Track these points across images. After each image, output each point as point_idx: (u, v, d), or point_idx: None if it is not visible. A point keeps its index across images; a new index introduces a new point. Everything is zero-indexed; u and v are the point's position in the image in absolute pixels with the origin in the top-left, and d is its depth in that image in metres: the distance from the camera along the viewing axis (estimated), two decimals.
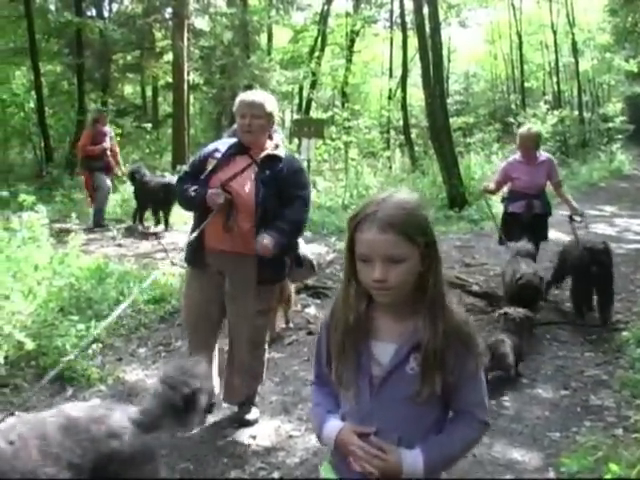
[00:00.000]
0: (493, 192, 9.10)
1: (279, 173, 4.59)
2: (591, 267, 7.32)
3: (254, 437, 4.80)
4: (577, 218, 8.23)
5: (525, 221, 8.24)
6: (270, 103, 4.67)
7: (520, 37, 34.50)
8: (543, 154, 8.57)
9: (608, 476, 3.63)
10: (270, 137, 4.77)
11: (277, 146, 4.73)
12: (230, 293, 4.74)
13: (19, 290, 6.42)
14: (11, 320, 5.82)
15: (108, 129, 13.78)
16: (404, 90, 27.26)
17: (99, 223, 12.85)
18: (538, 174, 8.30)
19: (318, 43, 31.54)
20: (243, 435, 4.82)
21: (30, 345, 5.47)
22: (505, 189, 8.82)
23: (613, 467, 3.65)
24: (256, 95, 4.73)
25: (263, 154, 4.65)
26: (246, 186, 4.54)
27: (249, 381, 4.99)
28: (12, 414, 4.93)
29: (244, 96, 4.71)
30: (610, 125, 33.52)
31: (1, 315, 5.80)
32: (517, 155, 8.56)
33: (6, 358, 5.46)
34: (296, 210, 4.59)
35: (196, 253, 4.71)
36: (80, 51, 21.67)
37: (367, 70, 37.59)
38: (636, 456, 3.81)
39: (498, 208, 9.87)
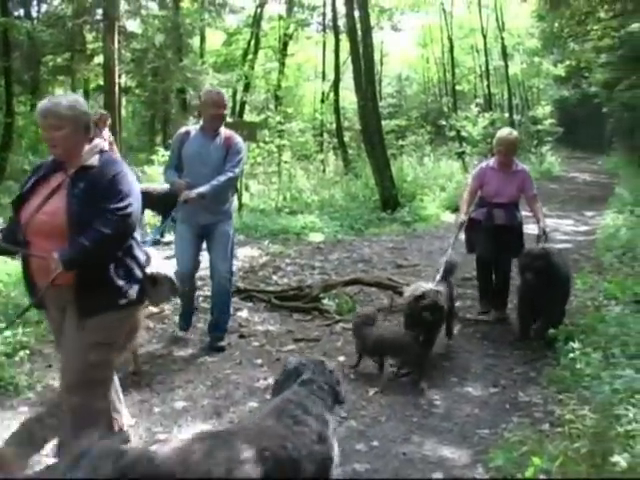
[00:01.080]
0: (466, 213, 7.80)
1: (92, 183, 4.00)
2: (525, 274, 6.97)
3: None
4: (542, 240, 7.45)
5: (485, 231, 7.70)
6: (67, 107, 3.98)
7: (451, 41, 34.88)
8: (519, 164, 7.97)
9: (531, 469, 3.70)
10: (90, 140, 4.18)
11: (94, 152, 4.14)
12: (61, 327, 4.19)
13: None
14: None
15: (107, 133, 13.04)
16: (337, 93, 27.32)
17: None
18: (509, 184, 7.74)
19: (251, 46, 31.44)
20: (174, 439, 4.78)
21: None
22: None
23: (536, 460, 3.73)
24: (49, 102, 4.03)
25: (77, 167, 4.08)
26: (57, 209, 3.94)
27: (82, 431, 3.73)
28: None
29: (38, 107, 4.10)
30: (540, 127, 34.14)
31: None
32: (491, 161, 8.02)
33: None
34: (102, 224, 3.88)
35: (32, 293, 4.18)
36: (7, 52, 21.24)
37: (300, 73, 37.65)
38: (559, 449, 3.89)
39: None
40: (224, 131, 6.70)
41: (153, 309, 7.61)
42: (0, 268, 7.71)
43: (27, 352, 6.08)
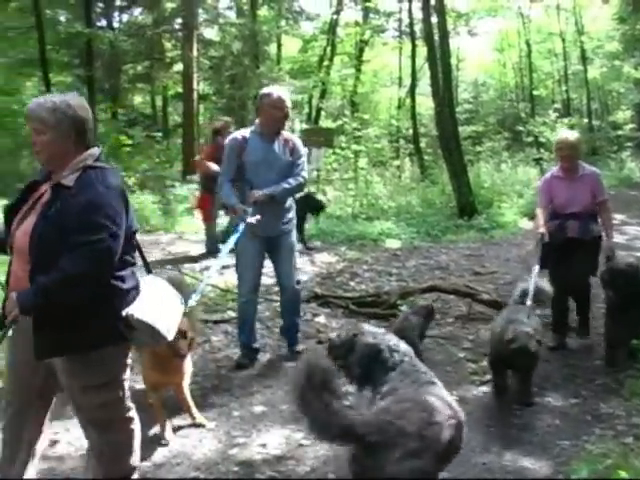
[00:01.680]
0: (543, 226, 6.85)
1: (65, 208, 3.41)
2: (612, 292, 6.31)
3: (264, 445, 4.81)
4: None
5: (556, 245, 6.77)
6: (50, 109, 3.49)
7: (529, 45, 34.41)
8: (586, 167, 7.14)
9: None
10: (86, 149, 3.62)
11: (77, 167, 3.54)
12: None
13: None
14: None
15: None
16: (413, 99, 27.23)
17: (213, 250, 11.08)
18: (580, 191, 6.89)
19: (327, 53, 31.57)
20: (253, 443, 4.83)
21: None
22: None
23: (622, 474, 3.65)
24: (35, 103, 3.60)
25: (56, 182, 3.56)
26: (28, 227, 3.48)
27: (101, 468, 3.85)
28: None
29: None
30: (620, 133, 33.38)
31: None
32: (554, 169, 7.26)
33: None
34: (68, 261, 3.31)
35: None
36: (90, 62, 21.79)
37: (376, 79, 37.60)
38: None
39: None
40: (283, 133, 6.36)
41: (232, 314, 7.72)
42: None
43: None
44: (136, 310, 3.57)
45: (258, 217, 5.91)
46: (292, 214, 6.52)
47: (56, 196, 3.47)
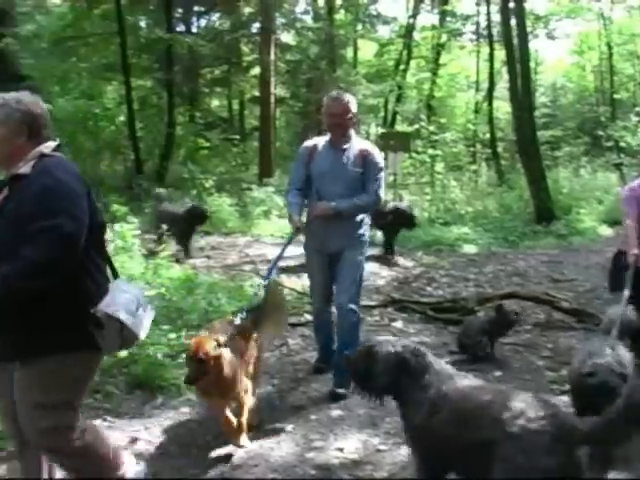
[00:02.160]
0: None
1: (21, 197, 3.31)
2: None
3: (341, 449, 4.78)
4: None
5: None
6: (5, 105, 3.42)
7: (610, 47, 33.67)
8: None
9: None
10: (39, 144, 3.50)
11: (33, 157, 3.43)
12: None
13: None
14: None
15: None
16: (490, 103, 26.98)
17: None
18: None
19: (403, 56, 31.46)
20: (331, 447, 4.82)
21: (123, 353, 5.58)
22: None
23: None
24: None
25: (12, 175, 3.44)
26: None
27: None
28: (104, 420, 5.09)
29: None
30: None
31: None
32: None
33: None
34: (27, 249, 3.14)
35: None
36: (170, 66, 22.12)
37: (453, 83, 37.32)
38: None
39: None
40: (357, 142, 5.86)
41: (309, 317, 7.73)
42: (164, 273, 8.01)
43: None
44: (105, 306, 3.34)
45: (301, 237, 5.96)
46: (363, 230, 5.94)
47: (13, 188, 3.37)
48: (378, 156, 5.90)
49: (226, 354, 4.40)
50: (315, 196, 5.81)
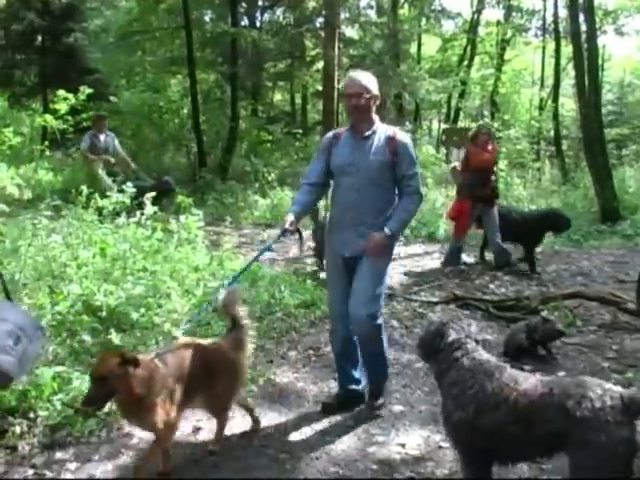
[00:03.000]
0: None
1: None
2: None
3: (403, 445, 4.77)
4: None
5: None
6: None
7: None
8: None
9: None
10: None
11: None
12: None
13: (177, 290, 6.68)
14: (168, 318, 6.03)
15: (492, 145, 10.95)
16: (556, 100, 26.63)
17: (454, 262, 10.74)
18: None
19: (467, 52, 31.26)
20: (392, 443, 4.81)
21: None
22: None
23: None
24: None
25: None
26: None
27: None
28: None
29: None
30: None
31: (161, 313, 6.01)
32: None
33: None
34: None
35: None
36: (234, 60, 22.25)
37: (517, 79, 36.90)
38: None
39: None
40: (383, 128, 5.13)
41: None
42: (227, 265, 8.09)
43: (253, 346, 6.33)
44: None
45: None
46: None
47: None
48: (409, 144, 5.11)
49: (140, 374, 3.83)
50: (335, 191, 5.23)
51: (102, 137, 12.45)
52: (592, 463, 3.28)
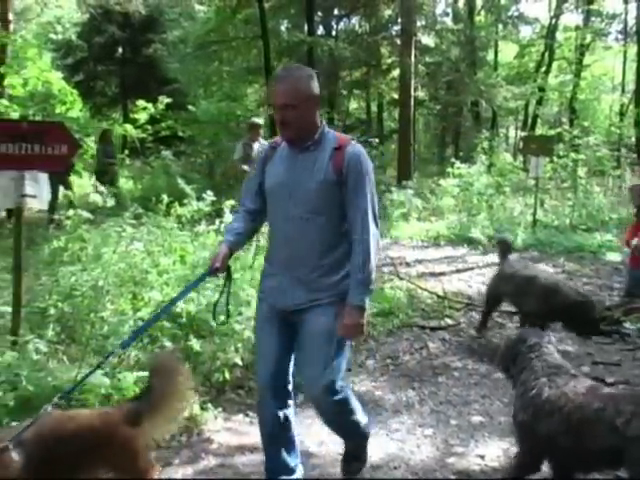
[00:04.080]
0: None
1: None
2: None
3: (482, 457, 4.72)
4: None
5: None
6: None
7: None
8: None
9: None
10: None
11: None
12: None
13: (256, 297, 6.74)
14: (248, 325, 6.08)
15: None
16: (637, 105, 26.07)
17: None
18: None
19: (545, 58, 30.84)
20: (471, 453, 4.77)
21: None
22: None
23: None
24: None
25: None
26: None
27: None
28: (246, 415, 5.19)
29: None
30: None
31: (241, 320, 6.07)
32: None
33: (242, 360, 5.69)
34: None
35: None
36: (311, 69, 22.40)
37: (597, 85, 36.28)
38: None
39: None
40: (331, 137, 3.78)
41: (449, 321, 7.70)
42: None
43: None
44: None
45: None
46: (340, 274, 3.76)
47: None
48: (362, 158, 3.72)
49: None
50: (269, 222, 3.98)
51: (255, 146, 11.62)
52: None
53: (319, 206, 3.67)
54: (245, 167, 11.24)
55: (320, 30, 26.52)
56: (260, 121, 12.58)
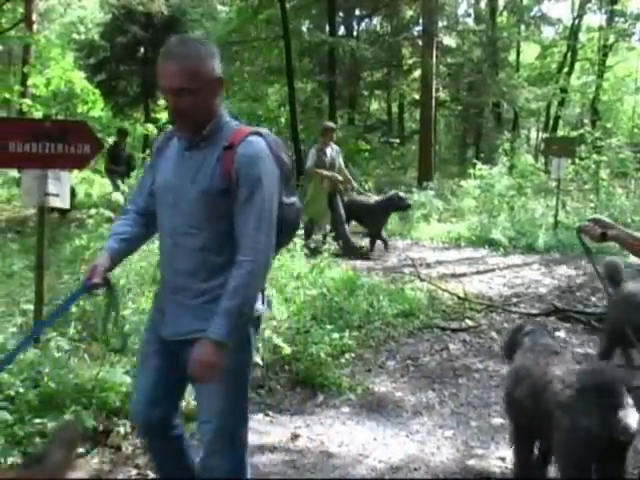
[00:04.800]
0: None
1: None
2: None
3: (503, 459, 4.70)
4: None
5: None
6: None
7: None
8: None
9: None
10: None
11: None
12: None
13: (277, 297, 6.77)
14: (269, 325, 6.10)
15: None
16: None
17: None
18: None
19: (567, 58, 30.69)
20: (492, 456, 4.75)
21: (287, 350, 5.73)
22: None
23: None
24: None
25: None
26: None
27: None
28: (267, 415, 5.20)
29: None
30: None
31: None
32: None
33: (263, 360, 5.70)
34: None
35: None
36: (332, 69, 22.43)
37: (620, 86, 36.06)
38: None
39: None
40: (228, 129, 3.02)
41: (470, 323, 7.68)
42: (325, 273, 8.15)
43: (352, 355, 6.36)
44: None
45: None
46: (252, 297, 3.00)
47: None
48: (256, 161, 2.91)
49: None
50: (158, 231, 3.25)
51: (328, 151, 11.34)
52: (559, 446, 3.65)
53: (203, 220, 2.96)
54: (325, 172, 11.19)
55: (341, 31, 26.57)
56: (333, 125, 12.31)
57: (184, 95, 2.85)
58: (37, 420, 4.31)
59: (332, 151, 11.40)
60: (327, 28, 23.73)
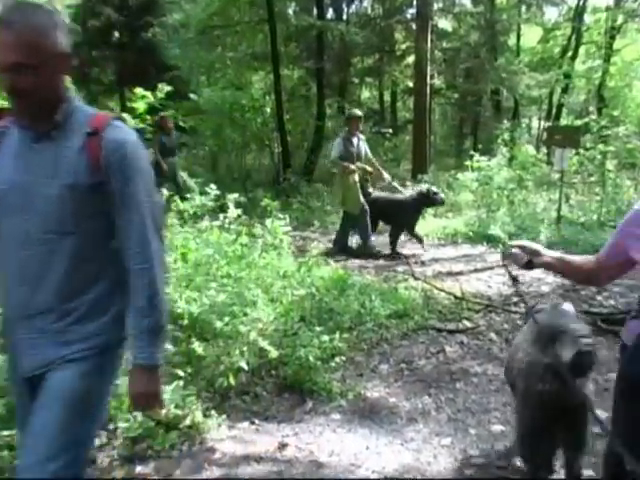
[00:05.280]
0: None
1: None
2: None
3: (504, 468, 4.74)
4: None
5: None
6: None
7: None
8: None
9: None
10: None
11: None
12: None
13: (262, 297, 6.78)
14: (254, 327, 6.11)
15: None
16: None
17: None
18: None
19: (572, 42, 30.75)
20: (492, 465, 4.77)
21: (274, 353, 5.74)
22: None
23: None
24: None
25: None
26: None
27: None
28: (252, 423, 5.22)
29: None
30: None
31: (247, 321, 6.10)
32: None
33: (248, 364, 5.71)
34: None
35: None
36: (320, 55, 22.41)
37: (628, 71, 36.11)
38: None
39: None
40: (84, 114, 2.79)
41: (467, 324, 7.71)
42: (314, 272, 8.16)
43: (343, 358, 6.38)
44: None
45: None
46: (110, 316, 2.83)
47: None
48: (130, 146, 2.74)
49: None
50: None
51: (355, 141, 11.41)
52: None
53: (66, 221, 2.67)
54: (352, 166, 11.09)
55: (330, 14, 26.50)
56: (360, 112, 12.06)
57: (22, 72, 2.52)
58: None
59: (359, 141, 11.40)
60: (315, 11, 23.67)
